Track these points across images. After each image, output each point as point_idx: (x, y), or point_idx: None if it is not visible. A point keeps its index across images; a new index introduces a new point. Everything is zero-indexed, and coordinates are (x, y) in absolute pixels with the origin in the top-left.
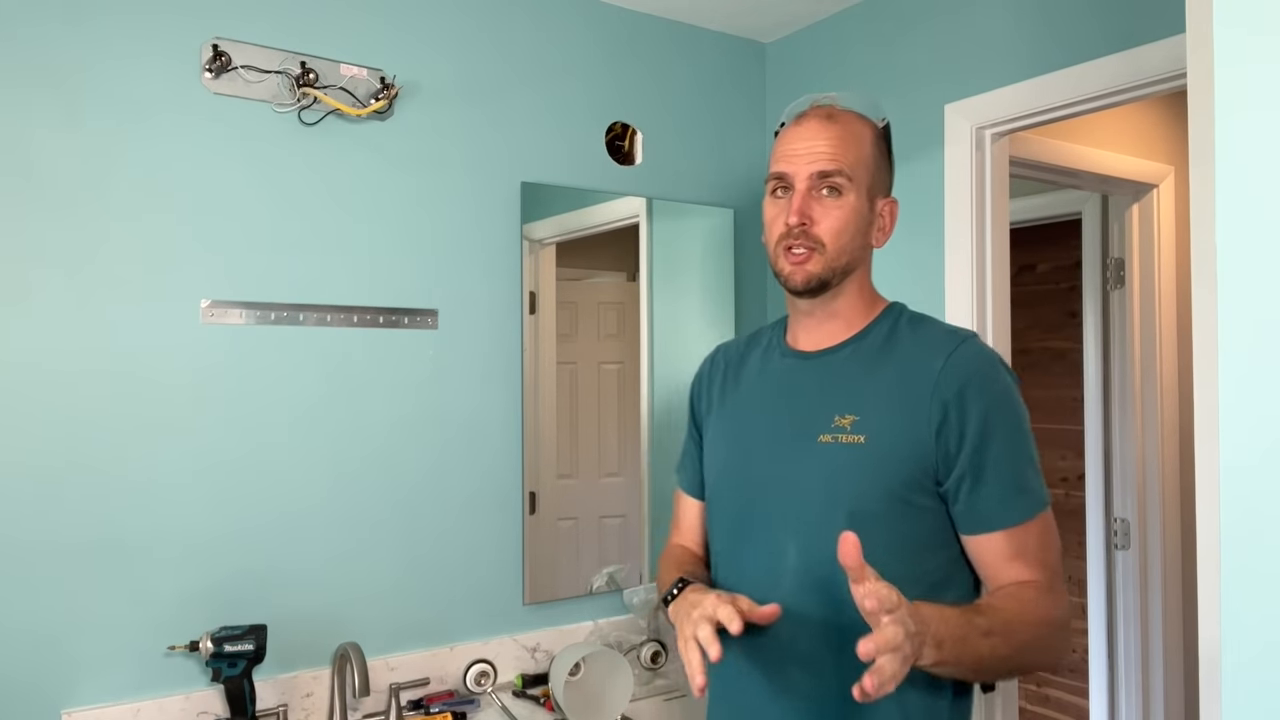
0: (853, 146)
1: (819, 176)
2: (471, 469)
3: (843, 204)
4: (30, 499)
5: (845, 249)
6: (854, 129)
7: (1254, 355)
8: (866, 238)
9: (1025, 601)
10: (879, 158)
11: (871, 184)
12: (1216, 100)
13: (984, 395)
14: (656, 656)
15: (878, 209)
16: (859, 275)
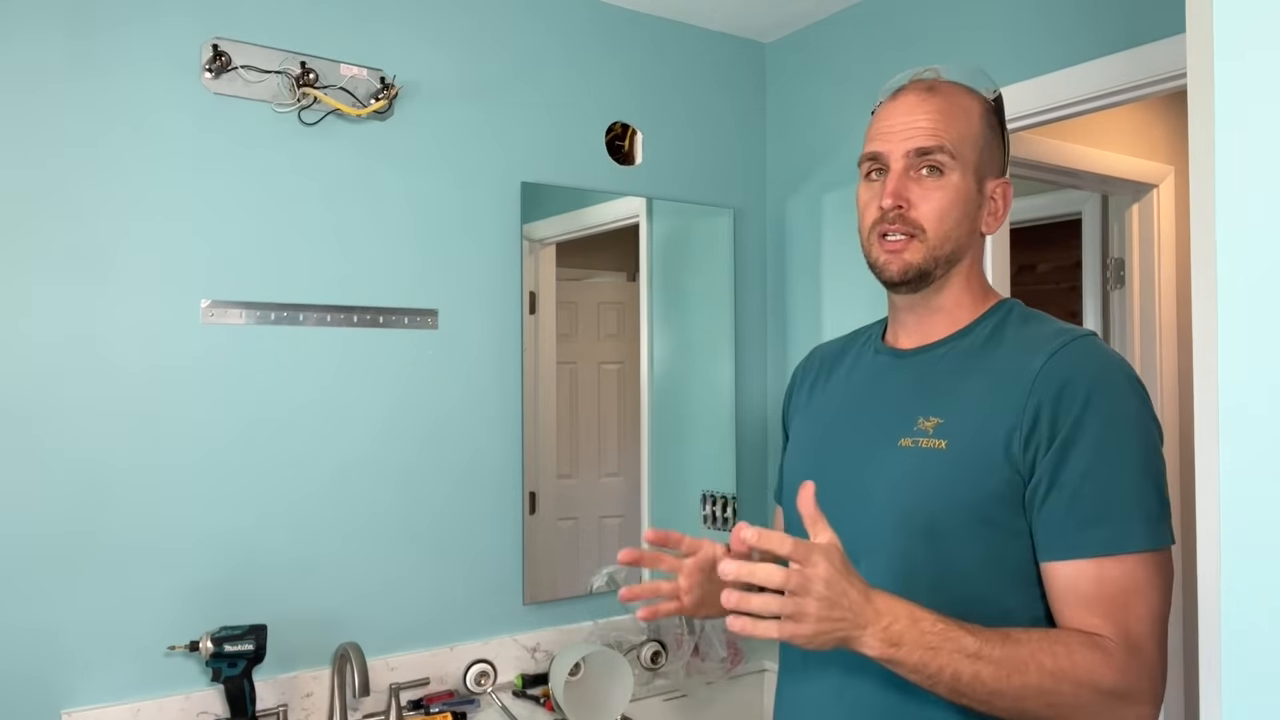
0: (957, 120)
1: (917, 154)
2: (471, 469)
3: (945, 184)
4: (30, 499)
5: (949, 235)
6: (959, 101)
7: (1254, 355)
8: (975, 223)
9: (1070, 648)
10: (988, 133)
11: (980, 162)
12: (1216, 100)
13: (1084, 396)
14: (656, 656)
15: (988, 191)
16: (966, 266)
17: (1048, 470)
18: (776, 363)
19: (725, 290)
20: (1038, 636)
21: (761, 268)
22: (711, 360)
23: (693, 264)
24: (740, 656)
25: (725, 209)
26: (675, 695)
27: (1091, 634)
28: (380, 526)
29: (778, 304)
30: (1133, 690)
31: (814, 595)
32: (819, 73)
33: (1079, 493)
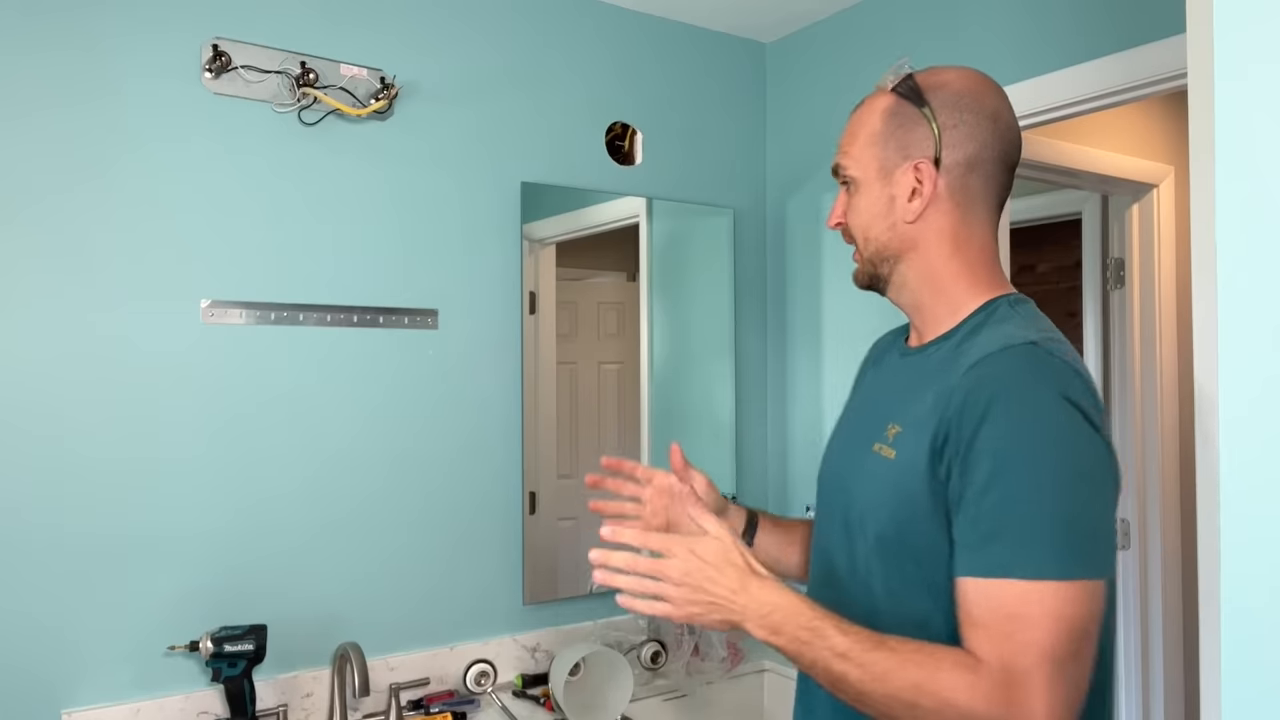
0: (859, 131)
1: (834, 174)
2: (471, 469)
3: (859, 195)
4: (30, 499)
5: (871, 239)
6: (862, 112)
7: (1254, 355)
8: (891, 218)
9: (939, 664)
10: (890, 125)
11: (883, 161)
12: (1216, 100)
13: (983, 410)
14: (656, 656)
15: (895, 180)
16: (916, 260)
17: (956, 485)
18: (776, 362)
19: (725, 290)
20: (912, 648)
21: (761, 268)
22: (711, 360)
23: (693, 264)
24: (740, 656)
25: (725, 209)
26: (675, 695)
27: (970, 655)
28: (381, 526)
29: (778, 304)
30: (980, 712)
31: (672, 583)
32: (819, 73)
33: (979, 508)
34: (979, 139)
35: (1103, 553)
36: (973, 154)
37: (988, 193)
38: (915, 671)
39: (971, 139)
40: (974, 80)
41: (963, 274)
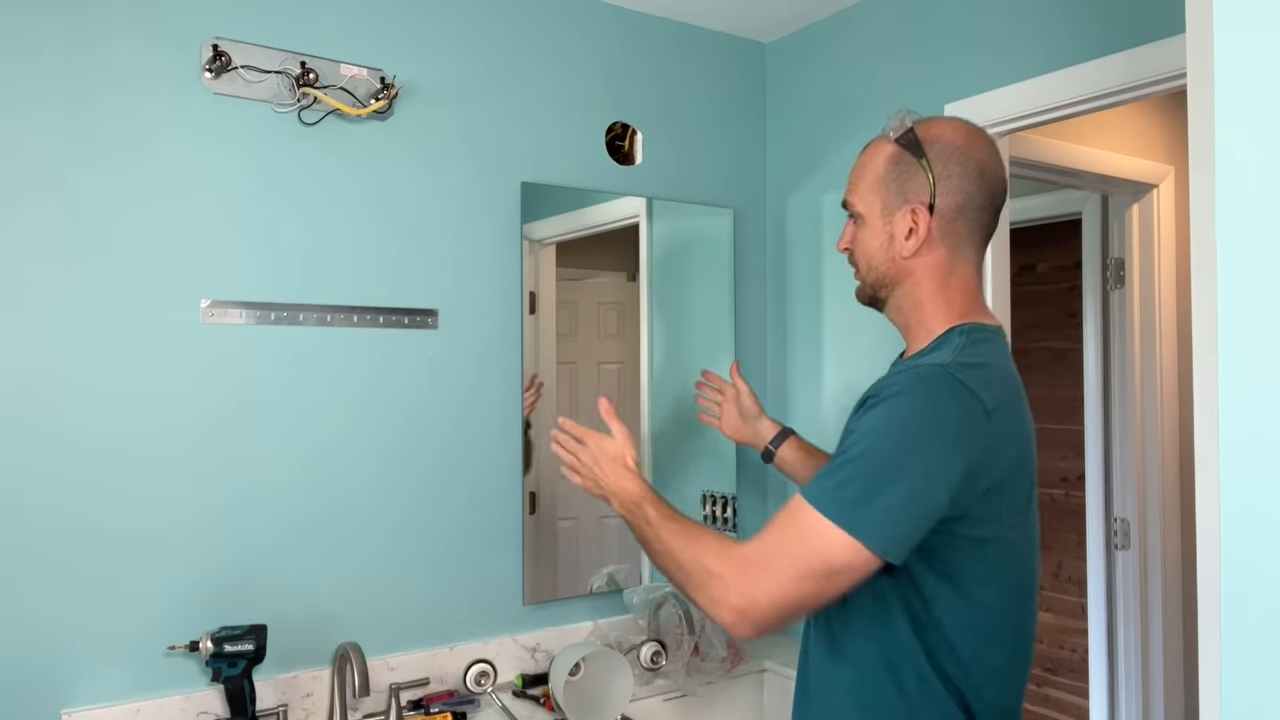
0: (864, 174)
1: (843, 206)
2: (471, 468)
3: (864, 230)
4: (30, 499)
5: (872, 268)
6: (869, 156)
7: (1254, 355)
8: (889, 253)
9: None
10: (892, 171)
11: (885, 202)
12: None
13: (871, 407)
14: (656, 656)
15: (895, 220)
16: (909, 289)
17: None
18: (776, 363)
19: (725, 290)
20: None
21: (761, 268)
22: (712, 360)
23: (693, 264)
24: (740, 656)
25: (725, 209)
26: (675, 695)
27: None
28: (381, 526)
29: (778, 304)
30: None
31: (579, 462)
32: (819, 73)
33: (831, 463)
34: (967, 189)
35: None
36: (961, 201)
37: (973, 234)
38: (688, 537)
39: (961, 189)
40: (965, 134)
41: (942, 304)
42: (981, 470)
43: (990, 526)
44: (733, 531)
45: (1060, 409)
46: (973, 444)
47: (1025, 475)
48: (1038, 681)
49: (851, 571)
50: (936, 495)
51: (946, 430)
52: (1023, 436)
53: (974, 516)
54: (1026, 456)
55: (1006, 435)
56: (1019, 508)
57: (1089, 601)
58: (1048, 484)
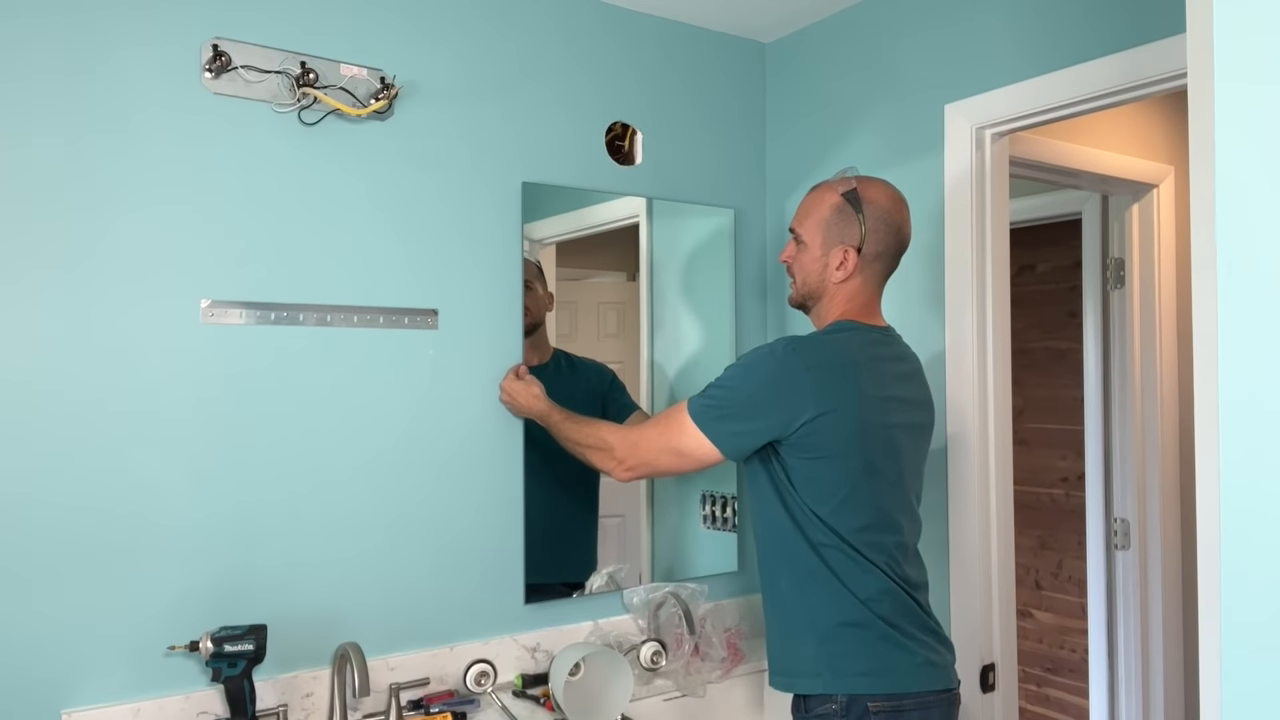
0: (812, 212)
1: (791, 231)
2: (471, 469)
3: (805, 254)
4: (30, 499)
5: (806, 283)
6: (818, 198)
7: (1254, 355)
8: (822, 276)
9: (605, 424)
10: (834, 219)
11: (825, 239)
12: (1216, 100)
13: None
14: (656, 656)
15: (835, 256)
16: (827, 301)
17: None
18: None
19: (725, 290)
20: (595, 420)
21: (761, 268)
22: (711, 360)
23: (693, 264)
24: (740, 656)
25: (725, 209)
26: (675, 695)
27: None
28: (380, 526)
29: (778, 304)
30: (610, 445)
31: (507, 392)
32: (819, 73)
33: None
34: (885, 242)
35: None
36: (880, 250)
37: (882, 272)
38: (588, 426)
39: (881, 241)
40: (892, 200)
41: (834, 313)
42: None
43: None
44: (733, 531)
45: (1060, 409)
46: (792, 394)
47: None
48: (1037, 681)
49: (697, 459)
50: (763, 426)
51: (773, 384)
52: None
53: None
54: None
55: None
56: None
57: (1089, 601)
58: (1048, 484)
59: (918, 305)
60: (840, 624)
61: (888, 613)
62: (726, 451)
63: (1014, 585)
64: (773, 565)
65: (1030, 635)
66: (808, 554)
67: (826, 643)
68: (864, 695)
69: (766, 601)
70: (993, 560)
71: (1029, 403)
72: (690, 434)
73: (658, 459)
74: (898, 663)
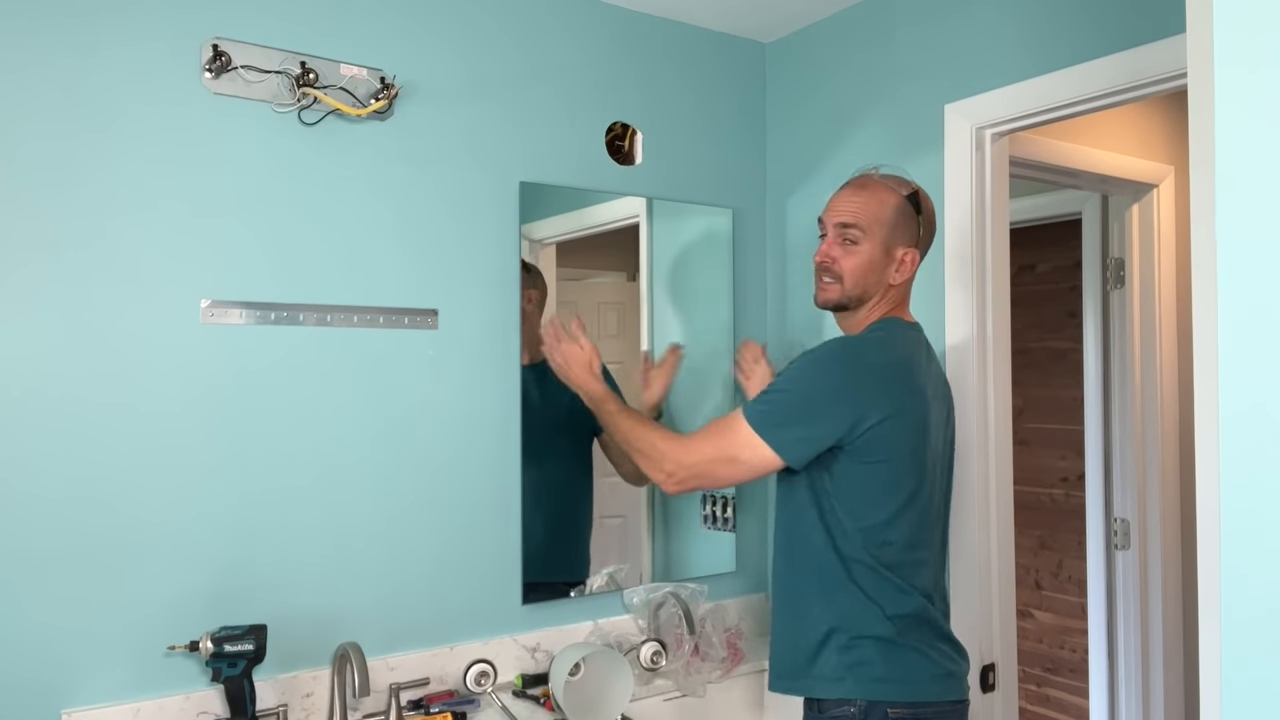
0: (872, 207)
1: (841, 227)
2: (471, 468)
3: (858, 251)
4: (30, 499)
5: (859, 284)
6: (878, 195)
7: (1254, 355)
8: (882, 276)
9: (658, 427)
10: (899, 218)
11: (888, 237)
12: (1216, 100)
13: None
14: (656, 656)
15: (896, 256)
16: (877, 303)
17: None
18: (776, 362)
19: (725, 290)
20: (649, 420)
21: (761, 268)
22: (711, 360)
23: (693, 264)
24: (740, 656)
25: (725, 209)
26: (675, 695)
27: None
28: (380, 526)
29: (778, 304)
30: (662, 455)
31: (556, 352)
32: (819, 73)
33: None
34: (928, 246)
35: (783, 437)
36: (924, 253)
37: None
38: (642, 425)
39: (927, 245)
40: (933, 210)
41: (879, 313)
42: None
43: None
44: (732, 531)
45: (1060, 409)
46: (861, 394)
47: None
48: (1037, 681)
49: (754, 467)
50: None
51: (841, 384)
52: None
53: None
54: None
55: (890, 389)
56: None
57: (1089, 601)
58: (1048, 484)
59: (918, 305)
60: (865, 637)
61: (914, 627)
62: (789, 458)
63: (1014, 585)
64: (796, 575)
65: (1030, 635)
66: (838, 568)
67: (849, 652)
68: (884, 702)
69: (783, 609)
70: (993, 560)
71: (1029, 403)
72: (748, 442)
73: (711, 469)
74: (919, 671)
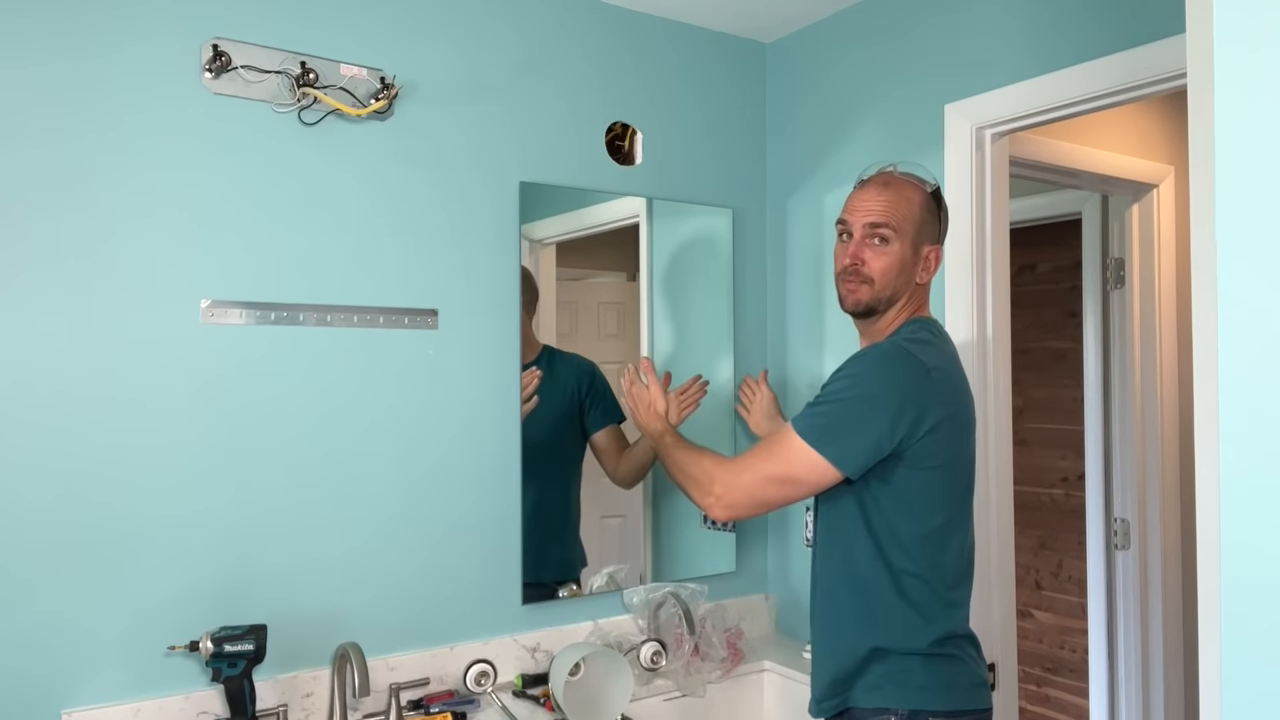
0: (900, 206)
1: (870, 227)
2: (471, 468)
3: (888, 251)
4: (30, 499)
5: (890, 284)
6: (905, 193)
7: (1254, 355)
8: (911, 275)
9: (707, 453)
10: (925, 214)
11: (916, 235)
12: (1216, 100)
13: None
14: (656, 656)
15: (923, 254)
16: (904, 304)
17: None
18: (776, 362)
19: (725, 290)
20: (700, 448)
21: (761, 268)
22: (711, 360)
23: (693, 264)
24: (740, 656)
25: (725, 209)
26: (675, 695)
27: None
28: (380, 526)
29: (778, 304)
30: (711, 478)
31: (631, 396)
32: (819, 73)
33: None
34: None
35: (841, 447)
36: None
37: None
38: (695, 454)
39: (945, 239)
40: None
41: (907, 313)
42: (926, 412)
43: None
44: (732, 531)
45: (1060, 409)
46: (918, 396)
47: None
48: (1037, 681)
49: (809, 483)
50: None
51: (898, 387)
52: (960, 392)
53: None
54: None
55: (945, 390)
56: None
57: (1089, 601)
58: (1048, 484)
59: None
60: (910, 653)
61: (958, 641)
62: (849, 469)
63: (1014, 585)
64: (838, 590)
65: (1030, 635)
66: (886, 582)
67: (892, 664)
68: (925, 710)
69: (823, 629)
70: (992, 560)
71: (1029, 403)
72: (804, 457)
73: (764, 491)
74: (959, 680)
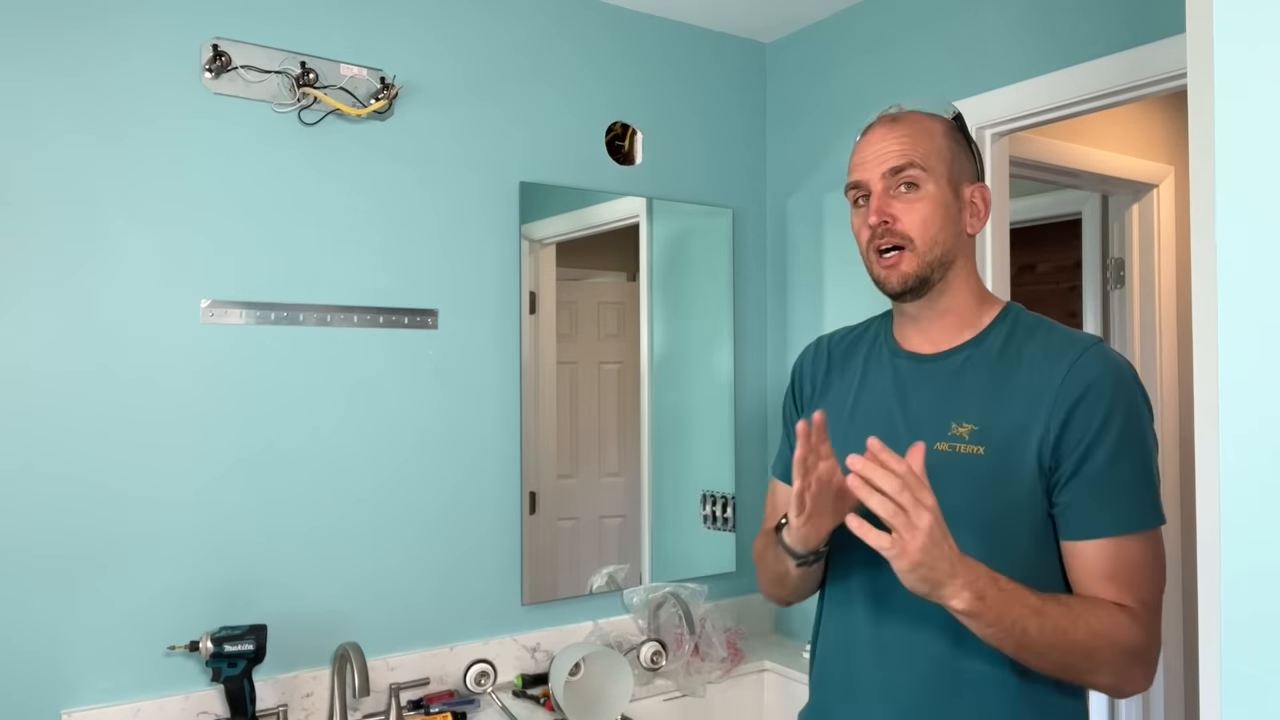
0: (922, 139)
1: (892, 173)
2: (471, 469)
3: (922, 195)
4: (30, 499)
5: (936, 240)
6: (922, 124)
7: (1254, 355)
8: (958, 225)
9: (1110, 612)
10: (954, 146)
11: (951, 172)
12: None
13: (1107, 403)
14: (656, 656)
15: (966, 196)
16: (962, 267)
17: (1072, 465)
18: (776, 362)
19: (725, 290)
20: (1081, 601)
21: (761, 268)
22: (711, 360)
23: (693, 264)
24: (740, 656)
25: (725, 209)
26: (675, 695)
27: (1117, 602)
28: (380, 526)
29: (777, 304)
30: (1146, 650)
31: (921, 526)
32: (819, 73)
33: (1100, 483)
34: None
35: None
36: None
37: None
38: (1095, 620)
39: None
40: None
41: (979, 282)
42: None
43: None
44: (732, 531)
45: None
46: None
47: None
48: None
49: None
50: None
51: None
52: None
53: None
54: None
55: None
56: None
57: None
58: None
59: None
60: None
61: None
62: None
63: None
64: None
65: None
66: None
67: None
68: None
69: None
70: None
71: None
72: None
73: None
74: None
